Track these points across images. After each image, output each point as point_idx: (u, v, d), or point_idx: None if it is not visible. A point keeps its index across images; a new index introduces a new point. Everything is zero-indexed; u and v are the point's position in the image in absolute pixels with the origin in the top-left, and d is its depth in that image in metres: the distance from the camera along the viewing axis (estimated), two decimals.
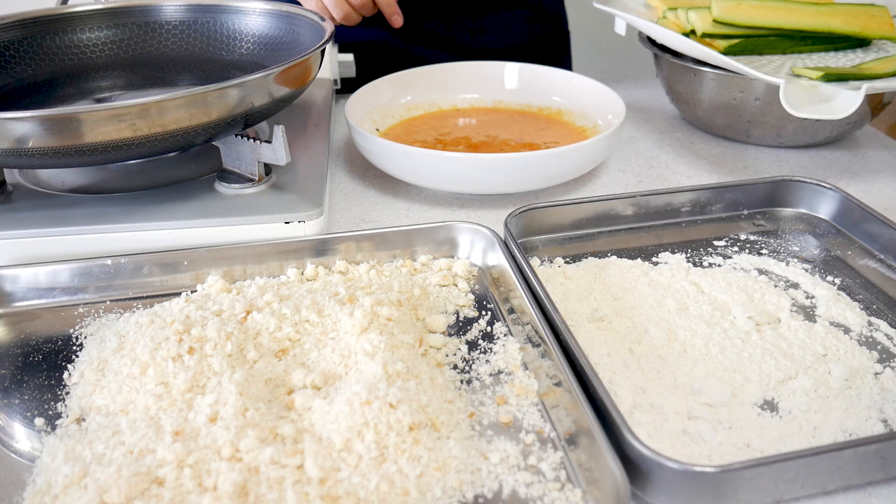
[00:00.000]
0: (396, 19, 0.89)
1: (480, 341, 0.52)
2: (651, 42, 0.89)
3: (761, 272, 0.59)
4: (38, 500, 0.39)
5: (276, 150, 0.61)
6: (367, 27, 0.96)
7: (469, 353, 0.51)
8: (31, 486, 0.41)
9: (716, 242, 0.63)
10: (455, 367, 0.50)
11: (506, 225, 0.59)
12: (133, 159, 0.61)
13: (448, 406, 0.45)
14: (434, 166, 0.67)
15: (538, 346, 0.49)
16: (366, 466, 0.40)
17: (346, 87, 0.92)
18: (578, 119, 0.82)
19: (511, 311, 0.54)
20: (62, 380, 0.49)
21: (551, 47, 1.06)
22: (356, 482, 0.39)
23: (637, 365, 0.49)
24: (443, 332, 0.52)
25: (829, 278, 0.58)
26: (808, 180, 0.66)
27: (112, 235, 0.59)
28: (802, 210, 0.67)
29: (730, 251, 0.62)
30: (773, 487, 0.39)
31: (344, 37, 0.97)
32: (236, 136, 0.63)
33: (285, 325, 0.50)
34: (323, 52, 0.69)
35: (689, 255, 0.61)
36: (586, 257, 0.61)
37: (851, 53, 0.82)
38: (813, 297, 0.56)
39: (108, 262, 0.56)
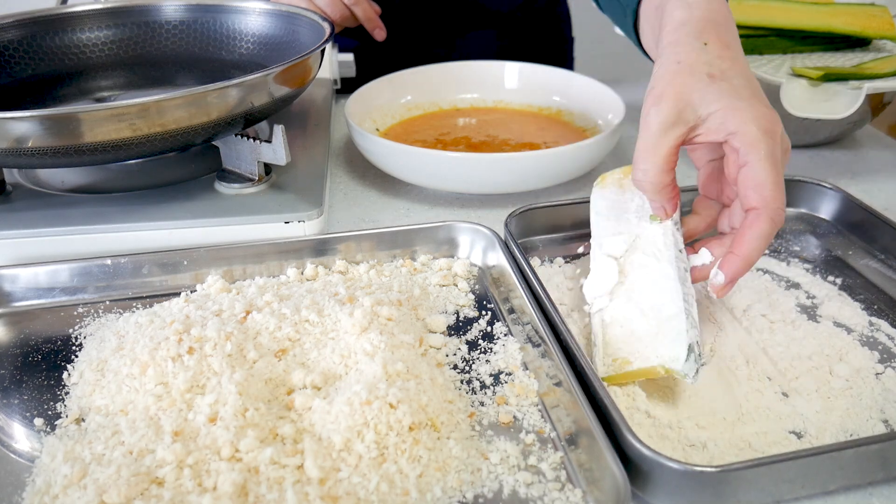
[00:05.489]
0: (379, 33, 0.89)
1: (480, 341, 0.52)
2: None
3: (762, 272, 0.59)
4: (38, 500, 0.39)
5: (276, 149, 0.61)
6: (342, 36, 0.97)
7: (469, 353, 0.51)
8: (31, 486, 0.41)
9: None
10: (455, 367, 0.50)
11: (506, 225, 0.59)
12: (133, 159, 0.61)
13: (448, 406, 0.45)
14: (434, 166, 0.67)
15: (538, 346, 0.49)
16: (366, 466, 0.40)
17: (346, 87, 0.92)
18: (578, 119, 0.82)
19: (511, 311, 0.54)
20: (62, 380, 0.49)
21: (543, 56, 1.06)
22: (356, 482, 0.39)
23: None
24: (443, 332, 0.52)
25: (830, 278, 0.58)
26: (809, 180, 0.66)
27: (112, 235, 0.59)
28: (803, 210, 0.67)
29: None
30: (773, 487, 0.39)
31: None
32: (236, 135, 0.63)
33: (285, 325, 0.50)
34: (323, 51, 0.69)
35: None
36: (586, 257, 0.61)
37: (851, 53, 0.82)
38: (814, 297, 0.56)
39: (108, 262, 0.56)
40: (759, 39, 0.81)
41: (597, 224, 0.55)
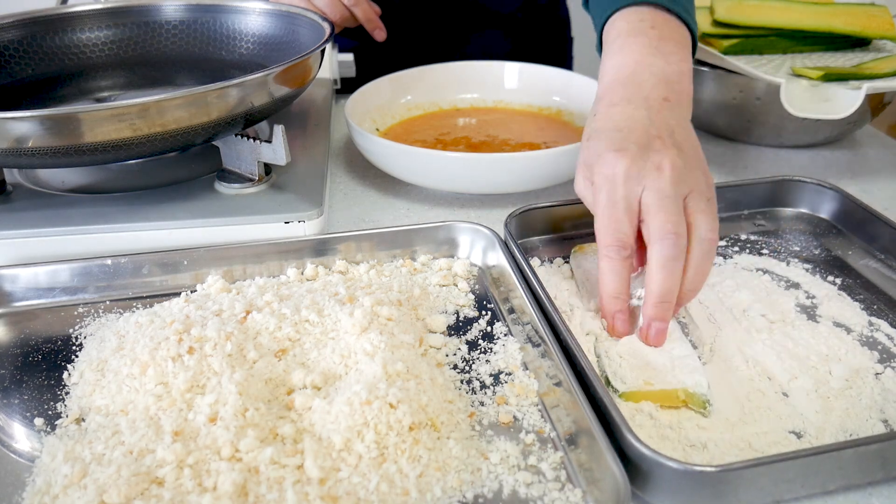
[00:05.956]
0: (379, 34, 0.89)
1: (480, 341, 0.52)
2: None
3: (762, 272, 0.59)
4: (38, 500, 0.39)
5: (276, 149, 0.61)
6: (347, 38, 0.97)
7: (469, 353, 0.51)
8: (31, 486, 0.41)
9: None
10: (455, 367, 0.50)
11: (506, 225, 0.59)
12: (133, 159, 0.61)
13: (448, 406, 0.45)
14: (434, 166, 0.67)
15: (538, 345, 0.49)
16: (366, 466, 0.40)
17: (346, 87, 0.92)
18: (578, 119, 0.82)
19: (511, 311, 0.54)
20: (62, 380, 0.49)
21: (544, 56, 1.06)
22: (356, 482, 0.39)
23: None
24: (443, 332, 0.52)
25: (830, 278, 0.58)
26: (808, 180, 0.66)
27: (112, 235, 0.59)
28: (802, 210, 0.67)
29: (730, 251, 0.62)
30: (773, 487, 0.39)
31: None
32: (236, 135, 0.63)
33: (285, 325, 0.50)
34: (323, 51, 0.69)
35: None
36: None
37: (851, 53, 0.82)
38: (814, 297, 0.56)
39: (108, 261, 0.56)
40: (759, 39, 0.81)
41: (589, 280, 0.56)
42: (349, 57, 0.93)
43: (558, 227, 0.63)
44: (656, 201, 0.48)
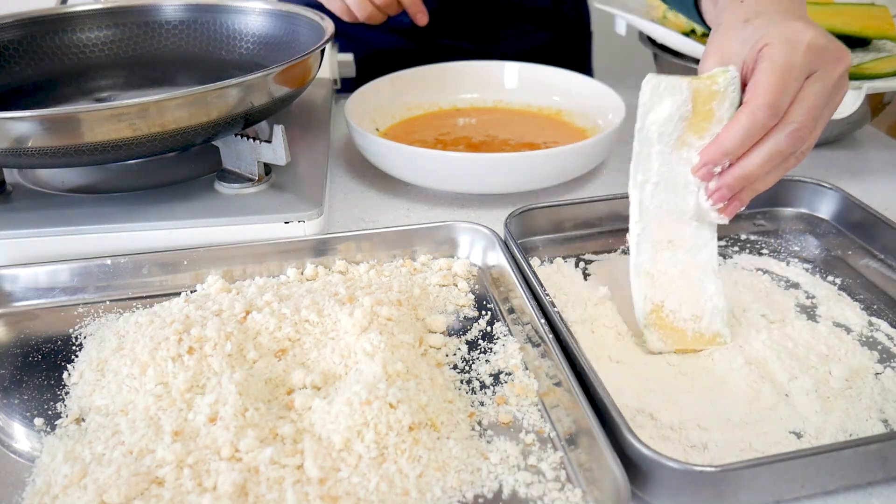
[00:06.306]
0: (421, 17, 0.87)
1: (480, 341, 0.52)
2: (651, 42, 0.89)
3: (762, 272, 0.59)
4: (38, 500, 0.39)
5: (276, 149, 0.61)
6: (384, 32, 0.96)
7: (469, 353, 0.51)
8: (31, 486, 0.41)
9: None
10: (455, 367, 0.50)
11: (506, 225, 0.59)
12: (133, 159, 0.61)
13: (448, 406, 0.45)
14: (434, 166, 0.67)
15: (538, 345, 0.49)
16: (366, 466, 0.40)
17: (346, 87, 0.92)
18: (578, 119, 0.82)
19: (511, 311, 0.54)
20: (62, 380, 0.49)
21: (569, 50, 1.05)
22: (356, 482, 0.39)
23: (638, 364, 0.49)
24: (443, 332, 0.52)
25: (830, 278, 0.58)
26: (808, 180, 0.66)
27: (112, 235, 0.59)
28: (802, 210, 0.67)
29: (730, 251, 0.62)
30: (773, 487, 0.39)
31: (360, 41, 0.97)
32: (236, 135, 0.63)
33: (285, 325, 0.50)
34: (323, 51, 0.69)
35: None
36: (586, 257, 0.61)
37: (851, 53, 0.82)
38: (814, 297, 0.56)
39: (108, 262, 0.56)
40: None
41: (647, 160, 0.49)
42: (349, 57, 0.92)
43: (558, 226, 0.63)
44: (823, 91, 0.47)
